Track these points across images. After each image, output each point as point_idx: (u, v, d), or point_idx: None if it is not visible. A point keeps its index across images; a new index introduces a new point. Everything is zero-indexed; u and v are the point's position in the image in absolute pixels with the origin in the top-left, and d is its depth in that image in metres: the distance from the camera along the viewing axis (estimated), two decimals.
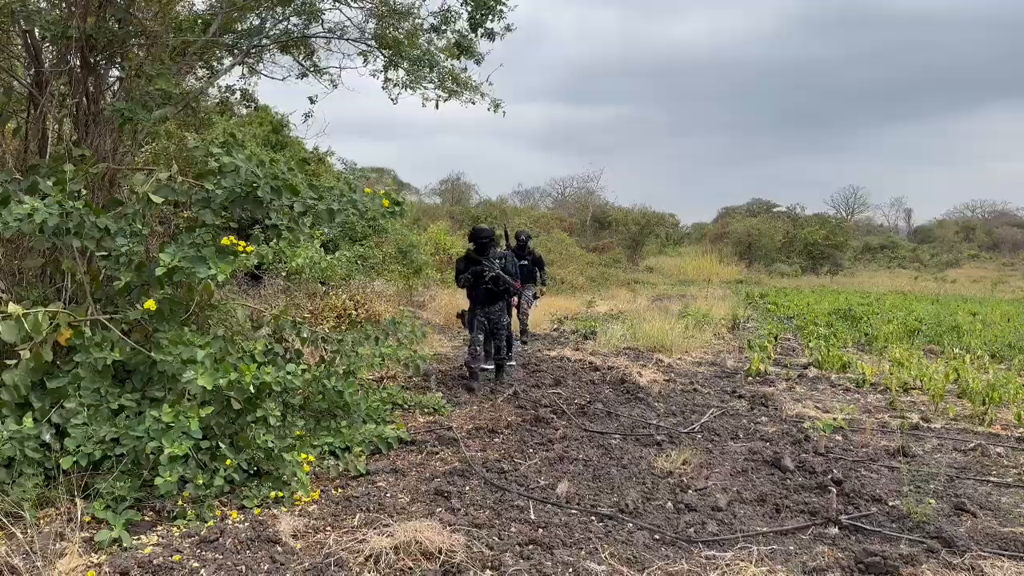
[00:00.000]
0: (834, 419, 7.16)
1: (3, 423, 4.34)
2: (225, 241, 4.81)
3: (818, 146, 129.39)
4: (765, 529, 4.56)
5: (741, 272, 38.57)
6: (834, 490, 5.17)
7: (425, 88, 9.07)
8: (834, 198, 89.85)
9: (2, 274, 5.19)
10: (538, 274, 11.91)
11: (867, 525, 4.59)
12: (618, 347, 11.72)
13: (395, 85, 9.26)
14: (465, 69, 9.21)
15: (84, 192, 4.98)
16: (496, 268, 8.33)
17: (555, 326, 14.96)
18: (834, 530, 4.56)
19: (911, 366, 10.29)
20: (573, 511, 4.80)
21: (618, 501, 4.96)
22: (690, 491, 5.18)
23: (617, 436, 6.50)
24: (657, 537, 4.41)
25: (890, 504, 4.95)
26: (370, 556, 3.83)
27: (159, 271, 4.67)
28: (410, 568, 3.80)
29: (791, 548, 4.30)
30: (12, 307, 4.55)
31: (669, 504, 4.94)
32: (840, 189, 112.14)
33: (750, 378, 9.56)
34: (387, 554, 3.83)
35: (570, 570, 3.91)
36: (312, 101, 9.77)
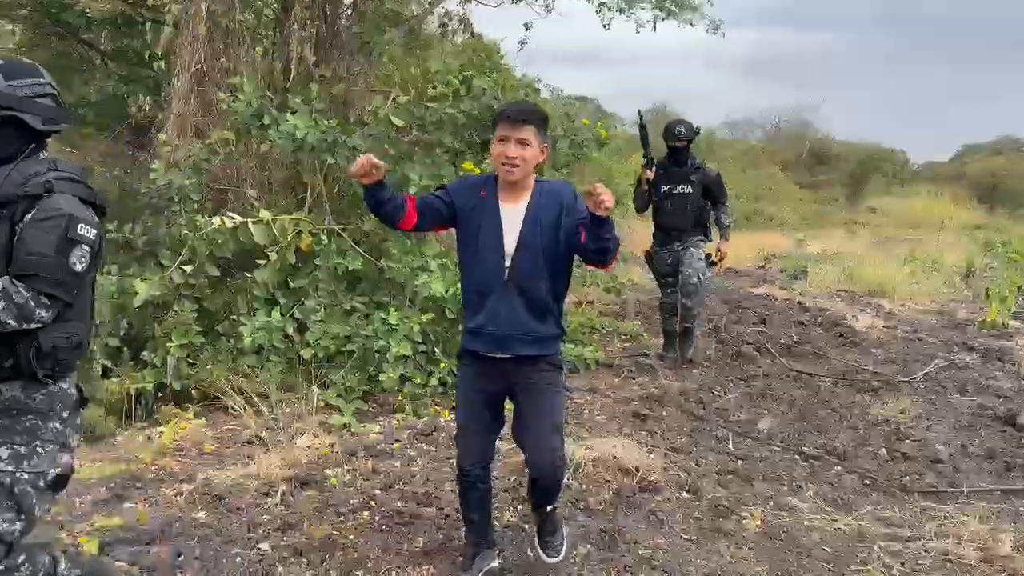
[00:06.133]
0: None
1: (255, 315, 4.92)
2: (466, 165, 5.13)
3: None
4: (991, 486, 4.19)
5: (980, 217, 34.58)
6: None
7: (641, 8, 8.77)
8: None
9: (255, 184, 5.80)
10: (713, 214, 6.28)
11: None
12: (831, 289, 11.04)
13: (608, 8, 9.02)
14: None
15: (324, 111, 5.42)
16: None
17: (761, 263, 14.33)
18: None
19: None
20: (775, 447, 4.68)
21: (825, 443, 4.76)
22: (907, 440, 4.85)
23: (827, 379, 6.19)
24: (867, 482, 4.20)
25: None
26: (570, 464, 3.97)
27: (412, 188, 5.02)
28: (607, 480, 3.91)
29: (1022, 509, 3.93)
30: (263, 213, 5.09)
31: (883, 451, 4.67)
32: None
33: (984, 330, 8.66)
34: (586, 464, 3.96)
35: (771, 503, 3.84)
36: (527, 28, 9.78)
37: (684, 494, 3.88)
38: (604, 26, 9.26)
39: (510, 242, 2.69)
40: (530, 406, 2.81)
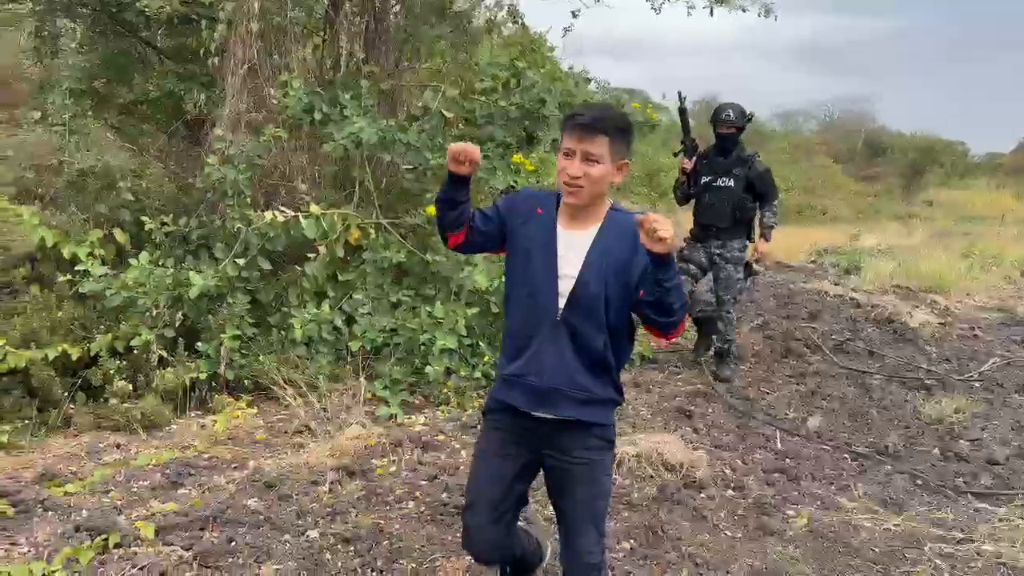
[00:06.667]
0: None
1: (305, 307, 5.02)
2: (516, 159, 5.16)
3: None
4: None
5: None
6: None
7: None
8: None
9: (305, 179, 5.90)
10: (758, 212, 5.68)
11: None
12: (885, 284, 10.78)
13: None
14: None
15: (373, 106, 5.48)
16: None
17: (813, 258, 14.06)
18: None
19: None
20: (824, 446, 4.61)
21: (876, 442, 4.68)
22: (961, 441, 4.74)
23: (879, 376, 6.07)
24: (919, 483, 4.12)
25: None
26: (613, 459, 3.97)
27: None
28: (651, 476, 3.90)
29: None
30: (313, 207, 5.18)
31: (935, 451, 4.57)
32: None
33: None
34: (629, 459, 3.96)
35: (819, 502, 3.79)
36: (574, 15, 9.70)
37: (729, 492, 3.86)
38: (655, 11, 9.10)
39: (567, 274, 2.19)
40: (567, 496, 2.30)
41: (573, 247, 2.21)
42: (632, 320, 2.29)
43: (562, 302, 2.19)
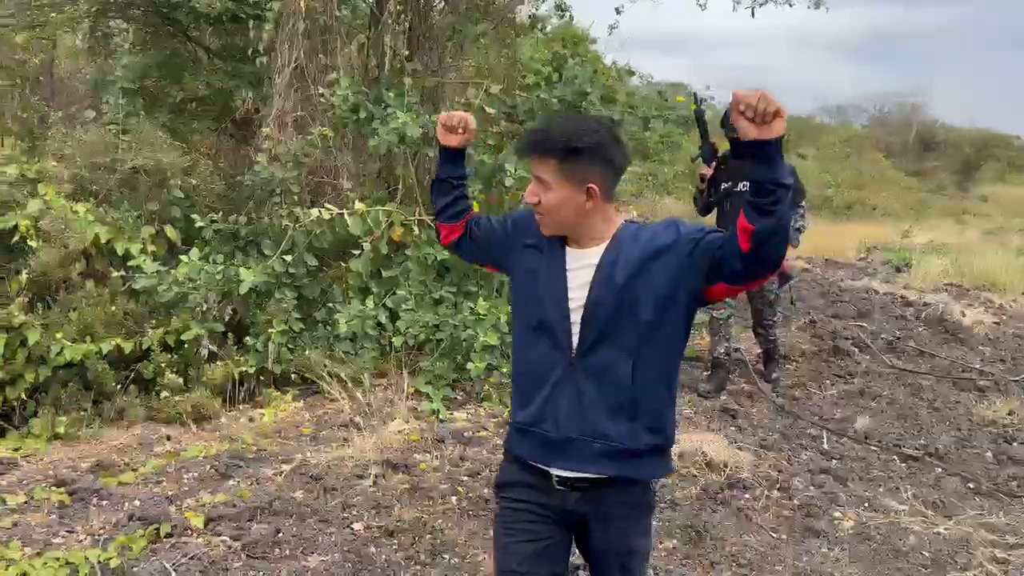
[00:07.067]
0: None
1: (350, 303, 5.08)
2: None
3: None
4: None
5: None
6: None
7: None
8: None
9: (350, 176, 5.98)
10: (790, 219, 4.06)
11: None
12: (938, 283, 10.52)
13: None
14: None
15: (416, 104, 5.53)
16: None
17: (862, 255, 13.77)
18: None
19: None
20: (873, 447, 4.53)
21: (926, 444, 4.58)
22: (1015, 443, 4.62)
23: (930, 377, 5.93)
24: (971, 486, 4.02)
25: None
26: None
27: (508, 179, 5.10)
28: (694, 476, 3.87)
29: None
30: (358, 204, 5.25)
31: (988, 454, 4.46)
32: None
33: None
34: (672, 459, 3.93)
35: (866, 504, 3.73)
36: (617, 12, 9.65)
37: (774, 492, 3.81)
38: (700, 6, 9.04)
39: (577, 302, 1.82)
40: (592, 546, 1.94)
41: (583, 269, 1.84)
42: (670, 339, 1.82)
43: (576, 332, 1.82)
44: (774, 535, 3.39)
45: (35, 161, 5.27)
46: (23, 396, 4.40)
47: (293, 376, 4.91)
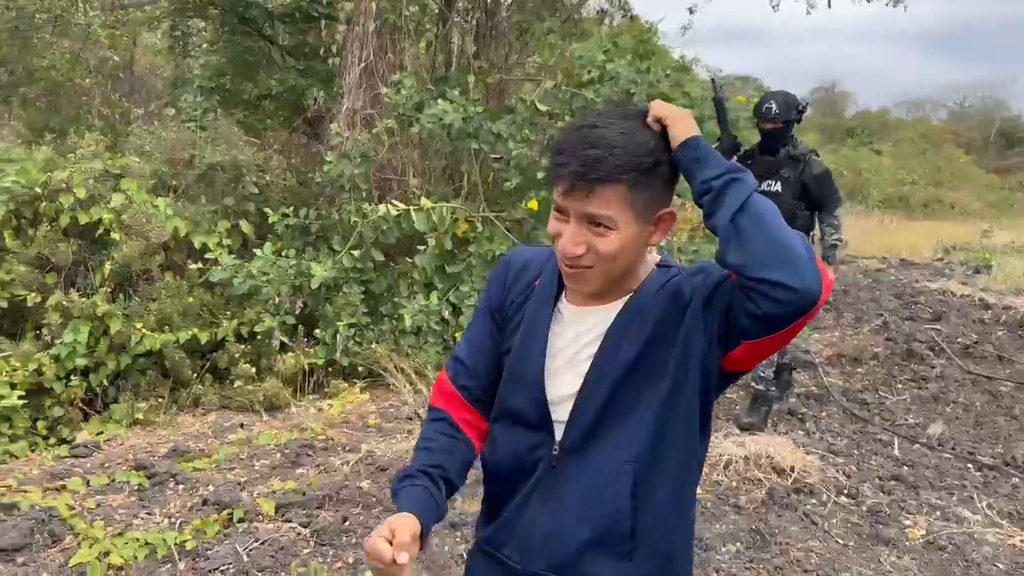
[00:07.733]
0: None
1: (415, 298, 5.17)
2: None
3: None
4: None
5: None
6: None
7: None
8: None
9: (416, 173, 6.07)
10: (816, 224, 4.71)
11: None
12: (1019, 284, 10.09)
13: None
14: None
15: (479, 100, 5.57)
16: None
17: (939, 255, 13.29)
18: None
19: None
20: (946, 454, 4.38)
21: (1004, 452, 4.41)
22: None
23: (1009, 383, 5.70)
24: None
25: None
26: (720, 460, 3.91)
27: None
28: (760, 480, 3.82)
29: None
30: (424, 201, 5.32)
31: None
32: None
33: None
34: (737, 462, 3.88)
35: (938, 513, 3.61)
36: (691, 12, 9.58)
37: (842, 498, 3.73)
38: (773, 7, 8.91)
39: (561, 379, 1.31)
40: None
41: (578, 335, 1.32)
42: (690, 424, 1.30)
43: (559, 430, 1.31)
44: (840, 542, 3.32)
45: (118, 156, 5.50)
46: (105, 382, 4.62)
47: (360, 368, 5.02)
